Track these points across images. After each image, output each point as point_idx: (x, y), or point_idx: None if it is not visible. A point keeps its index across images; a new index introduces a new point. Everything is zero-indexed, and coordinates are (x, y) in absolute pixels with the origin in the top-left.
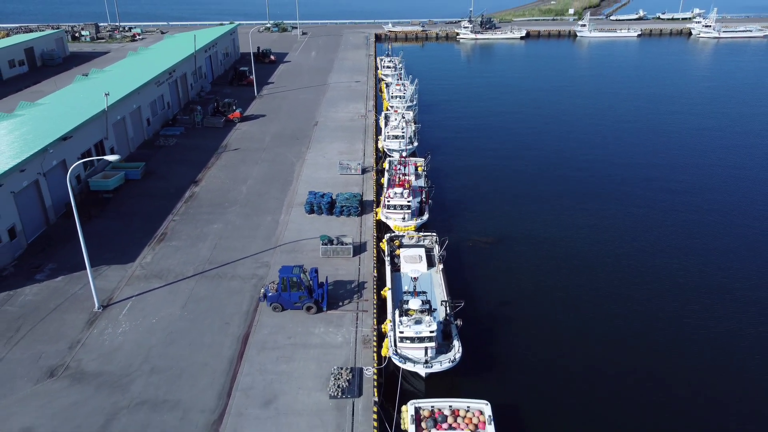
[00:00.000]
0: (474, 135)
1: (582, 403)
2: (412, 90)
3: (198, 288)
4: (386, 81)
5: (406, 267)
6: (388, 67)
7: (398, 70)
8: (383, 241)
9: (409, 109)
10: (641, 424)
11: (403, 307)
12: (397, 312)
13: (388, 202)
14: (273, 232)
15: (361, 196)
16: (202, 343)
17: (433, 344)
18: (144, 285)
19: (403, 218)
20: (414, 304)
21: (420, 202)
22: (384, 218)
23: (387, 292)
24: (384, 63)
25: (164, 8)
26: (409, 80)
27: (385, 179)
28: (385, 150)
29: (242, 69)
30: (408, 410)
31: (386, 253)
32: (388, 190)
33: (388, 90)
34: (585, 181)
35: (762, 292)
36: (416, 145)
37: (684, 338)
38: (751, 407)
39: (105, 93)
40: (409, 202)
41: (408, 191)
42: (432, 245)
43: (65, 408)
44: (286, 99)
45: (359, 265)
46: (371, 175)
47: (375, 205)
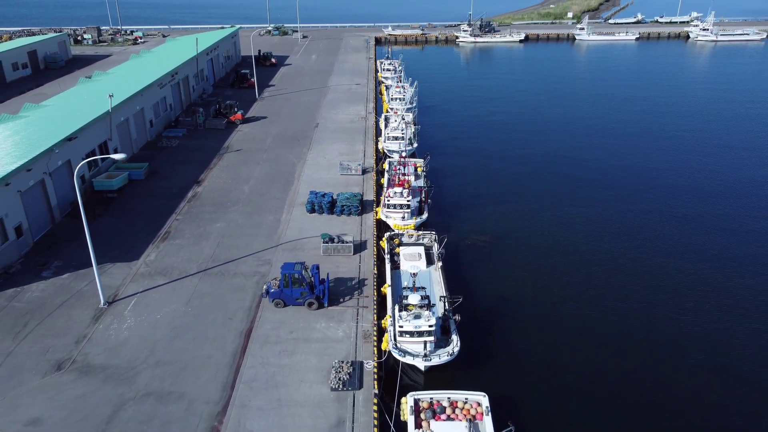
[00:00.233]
0: (473, 137)
1: (576, 394)
2: (411, 92)
3: (201, 285)
4: (386, 83)
5: (405, 264)
6: (388, 70)
7: (398, 73)
8: (383, 239)
9: (408, 111)
10: (635, 415)
11: (403, 303)
12: (396, 307)
13: (388, 201)
14: (275, 231)
15: (361, 196)
16: (205, 337)
17: (432, 338)
18: (148, 282)
19: (403, 217)
20: (413, 299)
21: (419, 202)
22: (384, 217)
23: (387, 289)
24: (384, 66)
25: (165, 12)
26: (409, 83)
27: (385, 179)
28: (385, 151)
29: (244, 72)
30: (407, 402)
31: (386, 251)
32: (387, 190)
33: (388, 92)
34: (582, 182)
35: (762, 292)
36: (416, 146)
37: (678, 330)
38: (751, 407)
39: (109, 94)
40: (408, 202)
41: (407, 191)
42: (431, 243)
43: (73, 399)
44: (287, 101)
45: (359, 263)
46: (371, 175)
47: (375, 205)
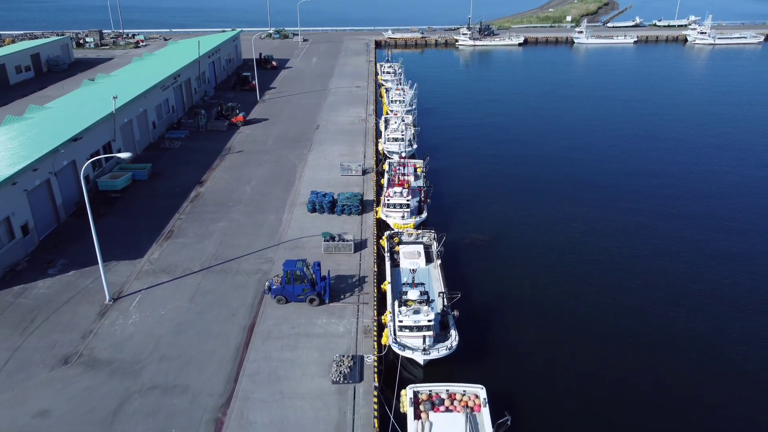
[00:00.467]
0: (472, 138)
1: (571, 387)
2: (411, 95)
3: (204, 282)
4: (386, 86)
5: (405, 262)
6: (388, 73)
7: (398, 76)
8: (383, 238)
9: (408, 113)
10: (630, 408)
11: (402, 298)
12: (396, 302)
13: (388, 200)
14: (276, 230)
15: (361, 196)
16: (209, 333)
17: (431, 333)
18: (152, 279)
19: (403, 216)
20: (412, 294)
21: (419, 201)
22: (384, 216)
23: (387, 286)
24: (384, 69)
25: (167, 16)
26: (409, 85)
27: (385, 180)
28: (385, 152)
29: (245, 74)
30: (407, 394)
31: (386, 250)
32: (387, 190)
33: (388, 95)
34: (580, 183)
35: (762, 292)
36: (415, 147)
37: (673, 327)
38: (749, 406)
39: (113, 96)
40: (408, 201)
41: (407, 190)
42: (430, 242)
43: (79, 392)
44: (288, 103)
45: (360, 261)
46: (371, 176)
47: (375, 205)
